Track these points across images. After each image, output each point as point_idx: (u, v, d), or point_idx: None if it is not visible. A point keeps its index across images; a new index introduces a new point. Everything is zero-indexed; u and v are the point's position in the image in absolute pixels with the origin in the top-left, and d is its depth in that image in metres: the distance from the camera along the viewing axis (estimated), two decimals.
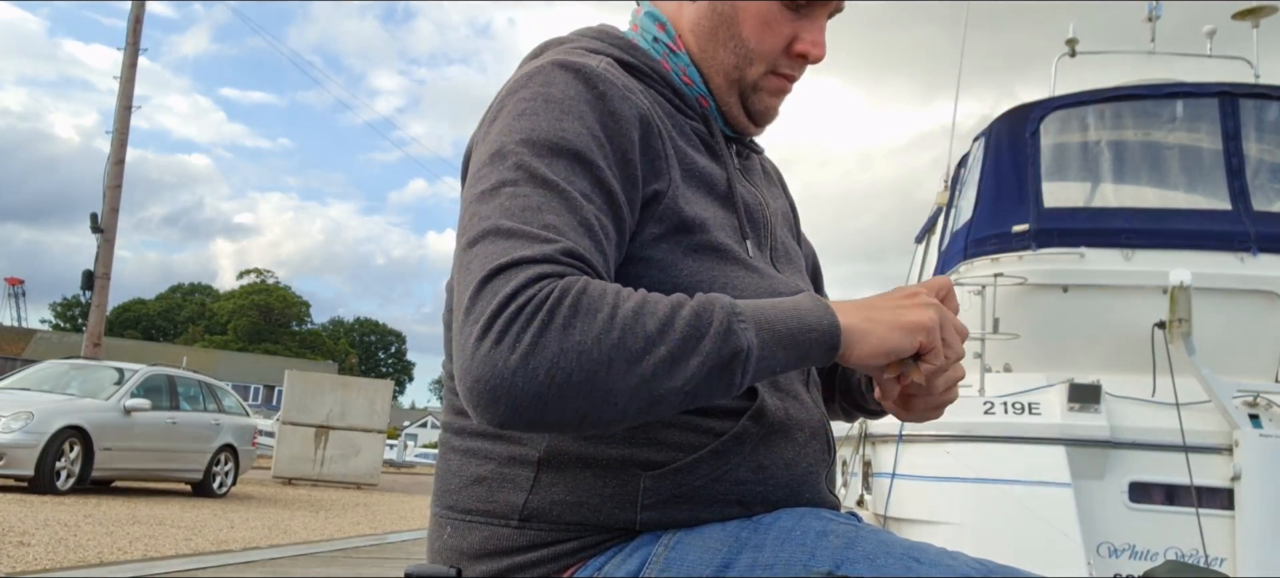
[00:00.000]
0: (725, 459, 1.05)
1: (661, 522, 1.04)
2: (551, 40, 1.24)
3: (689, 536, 1.03)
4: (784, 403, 1.12)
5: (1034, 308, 4.87)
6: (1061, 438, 4.25)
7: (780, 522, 1.03)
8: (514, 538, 1.04)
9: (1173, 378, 4.29)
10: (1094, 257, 4.85)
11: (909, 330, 1.00)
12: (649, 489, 1.03)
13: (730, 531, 1.03)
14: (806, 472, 1.12)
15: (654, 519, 1.03)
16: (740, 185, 1.21)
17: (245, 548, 7.56)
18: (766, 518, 1.05)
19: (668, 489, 1.03)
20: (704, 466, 1.04)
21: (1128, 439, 4.26)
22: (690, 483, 1.04)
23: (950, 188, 6.29)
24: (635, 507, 1.03)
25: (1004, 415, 4.39)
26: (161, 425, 11.91)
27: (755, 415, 1.07)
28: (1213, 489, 4.11)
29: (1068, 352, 4.76)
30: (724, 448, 1.05)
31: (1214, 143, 5.13)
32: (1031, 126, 5.28)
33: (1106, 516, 4.20)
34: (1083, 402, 4.30)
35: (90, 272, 16.46)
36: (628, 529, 1.04)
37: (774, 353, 0.93)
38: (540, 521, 1.03)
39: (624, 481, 1.02)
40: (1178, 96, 5.30)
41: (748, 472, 1.06)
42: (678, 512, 1.04)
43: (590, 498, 1.03)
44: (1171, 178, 5.37)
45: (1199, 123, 5.24)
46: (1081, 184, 5.56)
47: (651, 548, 1.02)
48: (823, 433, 1.18)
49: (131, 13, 17.37)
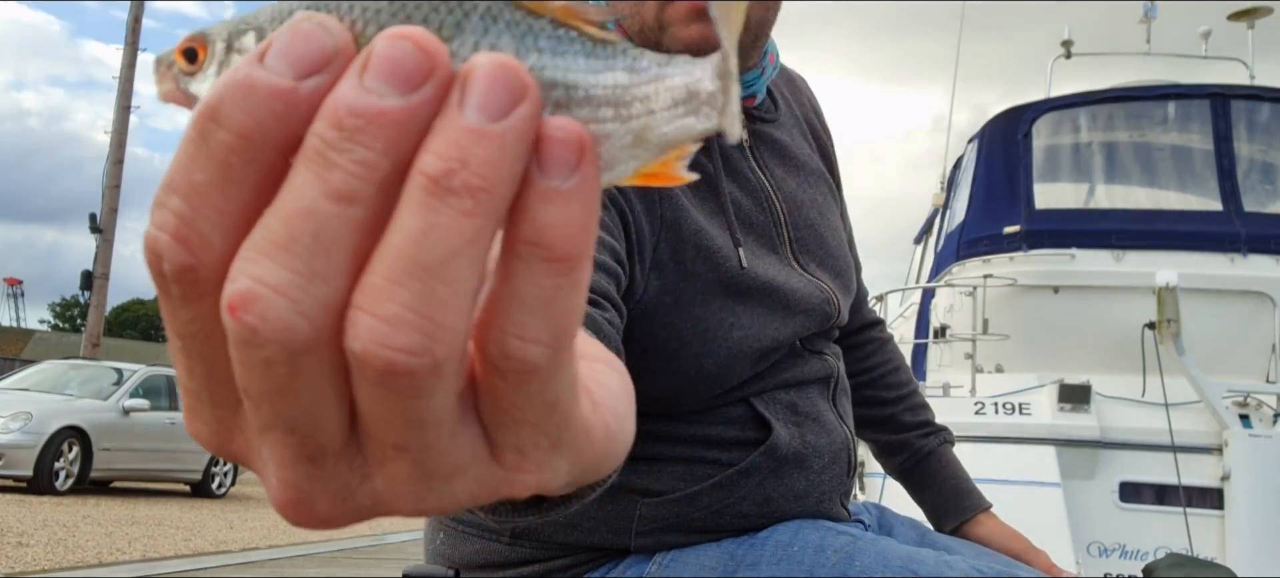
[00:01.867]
0: (728, 492, 1.02)
1: (655, 547, 1.02)
2: None
3: (683, 554, 1.01)
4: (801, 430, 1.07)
5: (1025, 309, 4.89)
6: (1052, 438, 4.27)
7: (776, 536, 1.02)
8: (505, 553, 1.03)
9: (1162, 378, 4.30)
10: (1085, 258, 4.87)
11: None
12: (645, 517, 1.01)
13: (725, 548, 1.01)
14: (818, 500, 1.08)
15: (648, 545, 1.02)
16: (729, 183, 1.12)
17: (244, 549, 7.57)
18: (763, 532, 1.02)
19: (664, 518, 1.01)
20: (705, 498, 1.02)
21: (1118, 439, 4.28)
22: (688, 514, 1.02)
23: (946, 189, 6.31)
24: (629, 534, 1.01)
25: (994, 416, 4.41)
26: (161, 426, 11.91)
27: (768, 450, 1.03)
28: (1202, 489, 4.13)
29: (1058, 352, 4.77)
30: (729, 481, 1.02)
31: (1205, 144, 5.15)
32: (1023, 128, 5.30)
33: (1097, 515, 4.21)
34: (1073, 402, 4.32)
35: (89, 272, 16.46)
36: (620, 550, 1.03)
37: None
38: (532, 539, 1.02)
39: (620, 506, 1.00)
40: (1169, 98, 5.32)
41: (752, 505, 1.03)
42: (672, 538, 1.02)
43: (583, 521, 1.01)
44: (1163, 179, 5.39)
45: (1190, 124, 5.26)
46: (1073, 185, 5.58)
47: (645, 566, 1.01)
48: (844, 455, 1.13)
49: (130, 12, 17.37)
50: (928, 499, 1.40)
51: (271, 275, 0.28)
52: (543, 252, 0.30)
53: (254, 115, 0.29)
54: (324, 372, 0.30)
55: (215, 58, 0.37)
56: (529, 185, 0.30)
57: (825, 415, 1.11)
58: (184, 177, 0.30)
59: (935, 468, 1.40)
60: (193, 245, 0.30)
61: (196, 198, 0.30)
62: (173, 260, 0.30)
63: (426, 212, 0.29)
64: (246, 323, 0.28)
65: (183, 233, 0.30)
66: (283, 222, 0.29)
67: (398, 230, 0.29)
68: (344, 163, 0.29)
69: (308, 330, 0.29)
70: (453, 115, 0.30)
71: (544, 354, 0.30)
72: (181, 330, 0.31)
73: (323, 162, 0.29)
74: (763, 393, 1.06)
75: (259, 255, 0.29)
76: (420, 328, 0.28)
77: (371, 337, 0.28)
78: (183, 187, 0.30)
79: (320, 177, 0.29)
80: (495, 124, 0.29)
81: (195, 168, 0.30)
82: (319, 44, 0.30)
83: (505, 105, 0.30)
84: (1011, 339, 4.80)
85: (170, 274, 0.30)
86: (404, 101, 0.29)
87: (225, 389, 0.32)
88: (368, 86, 0.29)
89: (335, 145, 0.29)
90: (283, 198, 0.29)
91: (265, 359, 0.29)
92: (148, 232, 0.30)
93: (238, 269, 0.29)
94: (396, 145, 0.29)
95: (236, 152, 0.29)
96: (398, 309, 0.28)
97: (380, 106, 0.29)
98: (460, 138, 0.29)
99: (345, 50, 0.31)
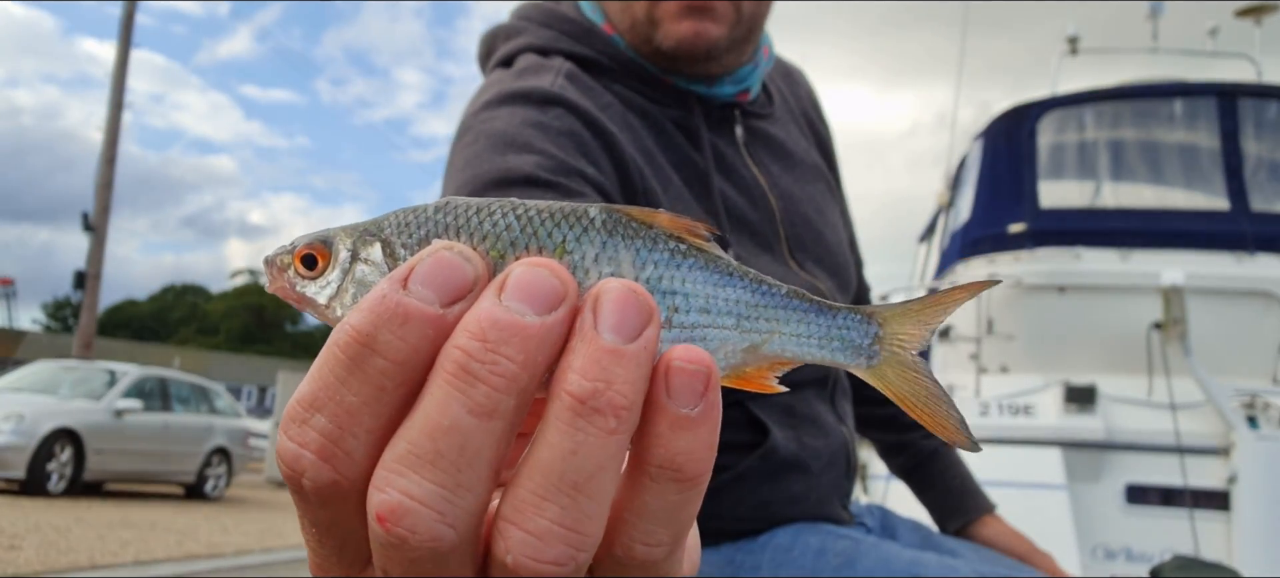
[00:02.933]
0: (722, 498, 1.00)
1: None
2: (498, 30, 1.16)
3: None
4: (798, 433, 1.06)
5: (1030, 309, 4.85)
6: (1057, 440, 4.23)
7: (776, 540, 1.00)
8: None
9: (1169, 379, 4.26)
10: (1090, 257, 4.83)
11: None
12: None
13: (724, 553, 0.99)
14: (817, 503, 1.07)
15: None
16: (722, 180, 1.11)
17: (237, 552, 7.52)
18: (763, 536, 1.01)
19: None
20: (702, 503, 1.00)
21: (1123, 441, 4.24)
22: None
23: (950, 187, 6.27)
24: None
25: (999, 417, 4.37)
26: (153, 428, 11.85)
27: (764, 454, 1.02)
28: (1209, 492, 4.08)
29: (1064, 352, 4.74)
30: (724, 486, 1.00)
31: (1212, 142, 5.11)
32: (1028, 126, 5.26)
33: (1103, 518, 4.17)
34: (1078, 403, 4.27)
35: (81, 271, 16.38)
36: None
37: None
38: None
39: None
40: (1175, 95, 5.29)
41: (749, 509, 1.02)
42: None
43: None
44: (1169, 177, 5.36)
45: (1197, 122, 5.23)
46: (1079, 184, 5.55)
47: None
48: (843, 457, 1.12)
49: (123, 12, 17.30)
50: (931, 500, 1.39)
51: (419, 489, 0.31)
52: (673, 473, 0.33)
53: (409, 342, 0.32)
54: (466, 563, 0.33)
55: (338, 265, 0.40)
56: (659, 411, 0.33)
57: (823, 417, 1.09)
58: (333, 397, 0.32)
59: (938, 468, 1.39)
60: (338, 462, 0.32)
61: (347, 418, 0.32)
62: (316, 477, 0.32)
63: (573, 431, 0.31)
64: (397, 534, 0.31)
65: (329, 450, 0.32)
66: (428, 437, 0.31)
67: (545, 447, 0.32)
68: (486, 376, 0.31)
69: (453, 538, 0.31)
70: (590, 336, 0.32)
71: (665, 553, 0.34)
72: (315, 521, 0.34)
73: (466, 376, 0.31)
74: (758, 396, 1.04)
75: (406, 469, 0.31)
76: (568, 541, 0.31)
77: (523, 550, 0.31)
78: (330, 407, 0.32)
79: (464, 392, 0.31)
80: (630, 345, 0.32)
81: (347, 390, 0.32)
82: (462, 274, 0.33)
83: (637, 327, 0.33)
84: (1016, 339, 4.77)
85: (310, 488, 0.32)
86: (541, 320, 0.32)
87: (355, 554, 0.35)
88: (507, 305, 0.32)
89: (478, 357, 0.31)
90: (426, 413, 0.31)
91: (412, 560, 0.31)
92: (286, 447, 0.33)
93: (385, 481, 0.31)
94: (534, 361, 0.32)
95: (390, 376, 0.32)
96: (548, 523, 0.31)
97: (522, 322, 0.32)
98: (600, 357, 0.32)
99: (484, 279, 0.34)
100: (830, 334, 0.41)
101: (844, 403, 1.17)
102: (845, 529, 1.04)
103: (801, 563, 0.96)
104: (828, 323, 0.41)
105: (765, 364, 0.41)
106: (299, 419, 0.32)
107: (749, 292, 0.39)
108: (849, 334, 0.42)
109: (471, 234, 0.37)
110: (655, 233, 0.38)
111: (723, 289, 0.39)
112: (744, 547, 1.00)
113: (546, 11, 1.15)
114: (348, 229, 0.40)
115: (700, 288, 0.38)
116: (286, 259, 0.40)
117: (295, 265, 0.40)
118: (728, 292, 0.39)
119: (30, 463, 10.00)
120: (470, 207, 0.38)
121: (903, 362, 0.42)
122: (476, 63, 1.20)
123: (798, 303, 0.41)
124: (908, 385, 0.42)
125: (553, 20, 1.13)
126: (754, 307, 0.39)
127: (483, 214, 0.38)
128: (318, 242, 0.40)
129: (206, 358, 54.57)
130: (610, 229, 0.38)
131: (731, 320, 0.39)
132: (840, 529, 1.03)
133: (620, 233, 0.38)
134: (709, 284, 0.39)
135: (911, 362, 0.43)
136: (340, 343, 0.32)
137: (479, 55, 1.19)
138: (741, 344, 0.39)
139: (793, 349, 0.40)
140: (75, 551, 6.55)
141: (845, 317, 0.42)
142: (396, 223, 0.39)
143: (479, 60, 1.19)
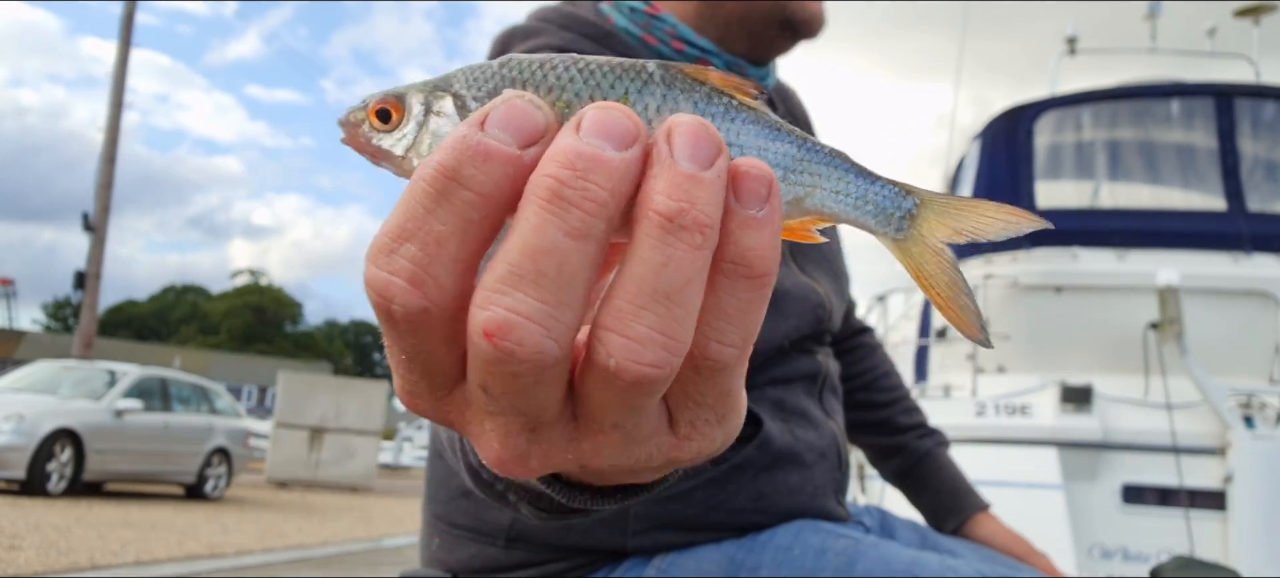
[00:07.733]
0: (722, 488, 1.01)
1: (653, 546, 1.00)
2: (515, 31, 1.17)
3: (682, 557, 0.99)
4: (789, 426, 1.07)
5: (1027, 308, 4.85)
6: (1053, 440, 4.23)
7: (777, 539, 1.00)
8: (500, 557, 1.02)
9: (1165, 379, 4.27)
10: (1087, 257, 4.84)
11: None
12: (639, 516, 0.99)
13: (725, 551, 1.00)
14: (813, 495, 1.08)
15: (645, 544, 1.00)
16: None
17: (238, 552, 7.52)
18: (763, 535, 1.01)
19: (659, 516, 1.00)
20: (700, 494, 1.01)
21: (1120, 441, 4.24)
22: (683, 512, 1.00)
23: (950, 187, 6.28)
24: (625, 533, 1.00)
25: (995, 417, 4.37)
26: (154, 428, 11.86)
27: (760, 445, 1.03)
28: (1205, 491, 4.09)
29: (1060, 352, 4.74)
30: (722, 477, 1.01)
31: (1209, 142, 5.12)
32: (1026, 127, 5.27)
33: (1100, 517, 4.17)
34: (1075, 403, 4.28)
35: (81, 271, 16.39)
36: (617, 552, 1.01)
37: None
38: (527, 542, 1.01)
39: None
40: (1173, 96, 5.29)
41: (746, 500, 1.02)
42: (669, 537, 1.01)
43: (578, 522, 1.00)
44: (1166, 177, 5.36)
45: (1194, 122, 5.23)
46: (1076, 184, 5.55)
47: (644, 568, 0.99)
48: (834, 451, 1.13)
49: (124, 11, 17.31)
50: (925, 502, 1.40)
51: (524, 306, 0.33)
52: (744, 270, 0.36)
53: (492, 177, 0.35)
54: (560, 379, 0.35)
55: (412, 118, 0.41)
56: (729, 215, 0.36)
57: (811, 412, 1.11)
58: (421, 228, 0.34)
59: (932, 470, 1.40)
60: (428, 289, 0.34)
61: (435, 247, 0.34)
62: (406, 303, 0.34)
63: (664, 246, 0.35)
64: (504, 348, 0.33)
65: (419, 277, 0.34)
66: (529, 258, 0.33)
67: (639, 262, 0.35)
68: (579, 200, 0.34)
69: (556, 352, 0.34)
70: (669, 163, 0.36)
71: (735, 354, 0.37)
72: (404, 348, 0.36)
73: (560, 202, 0.34)
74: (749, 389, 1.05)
75: (509, 288, 0.33)
76: (664, 345, 0.34)
77: (625, 355, 0.34)
78: (419, 236, 0.34)
79: (560, 216, 0.34)
80: (707, 171, 0.36)
81: (435, 221, 0.34)
82: (534, 120, 0.36)
83: (710, 155, 0.36)
84: (1013, 339, 4.77)
85: (401, 315, 0.35)
86: (621, 155, 0.35)
87: (443, 379, 0.38)
88: (587, 140, 0.35)
89: (570, 184, 0.34)
90: (523, 236, 0.34)
91: (514, 373, 0.34)
92: (375, 275, 0.35)
93: (488, 300, 0.33)
94: (619, 190, 0.35)
95: (476, 207, 0.34)
96: (645, 329, 0.34)
97: (604, 155, 0.35)
98: (681, 181, 0.35)
99: (554, 126, 0.36)
100: (867, 197, 0.43)
101: (832, 400, 1.18)
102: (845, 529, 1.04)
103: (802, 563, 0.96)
104: (866, 186, 0.43)
105: (807, 218, 0.43)
106: (387, 249, 0.34)
107: (795, 146, 0.42)
108: (883, 201, 0.44)
109: (537, 86, 0.39)
110: (709, 88, 0.40)
111: (772, 143, 0.41)
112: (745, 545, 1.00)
113: (566, 14, 1.16)
114: (417, 86, 0.42)
115: (752, 139, 0.40)
116: (360, 115, 0.42)
117: (370, 120, 0.41)
118: (777, 145, 0.41)
119: (30, 463, 10.00)
120: (534, 62, 0.40)
121: (929, 245, 0.44)
122: None
123: (840, 162, 0.43)
124: (932, 266, 0.45)
125: (572, 22, 1.14)
126: (799, 160, 0.42)
127: (546, 68, 0.40)
128: (392, 97, 0.41)
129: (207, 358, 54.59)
130: (669, 83, 0.40)
131: (779, 172, 0.41)
132: (840, 529, 1.03)
133: (678, 86, 0.40)
134: (760, 137, 0.41)
135: (938, 246, 0.45)
136: (427, 177, 0.34)
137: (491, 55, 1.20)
138: (786, 196, 0.41)
139: (831, 205, 0.42)
140: (75, 551, 6.56)
141: (883, 184, 0.44)
142: (465, 77, 0.41)
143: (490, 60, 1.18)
